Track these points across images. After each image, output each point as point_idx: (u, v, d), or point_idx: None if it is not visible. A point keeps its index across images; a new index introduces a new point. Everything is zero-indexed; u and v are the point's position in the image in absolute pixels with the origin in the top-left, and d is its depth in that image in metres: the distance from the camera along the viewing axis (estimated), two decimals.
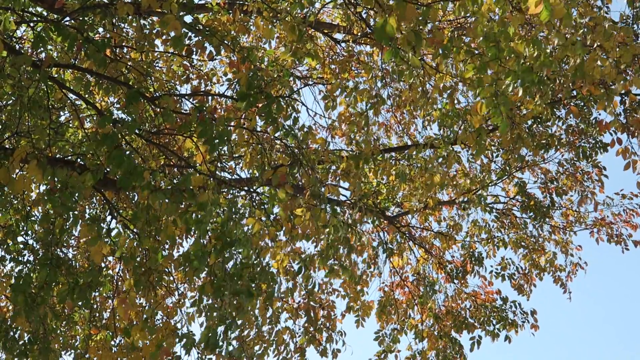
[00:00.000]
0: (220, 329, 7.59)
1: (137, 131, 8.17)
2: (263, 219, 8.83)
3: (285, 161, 9.15)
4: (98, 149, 7.07)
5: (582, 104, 11.11)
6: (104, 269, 9.60)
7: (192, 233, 8.46)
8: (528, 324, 12.90)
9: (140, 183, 6.96)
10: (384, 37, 5.81)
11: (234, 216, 8.04)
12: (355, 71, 10.96)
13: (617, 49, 6.92)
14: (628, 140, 8.01)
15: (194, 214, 7.45)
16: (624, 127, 8.67)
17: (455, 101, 9.29)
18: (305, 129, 9.12)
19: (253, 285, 8.00)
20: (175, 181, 8.35)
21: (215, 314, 7.70)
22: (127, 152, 7.12)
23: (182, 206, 7.62)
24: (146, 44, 8.99)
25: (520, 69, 6.50)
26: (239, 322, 8.47)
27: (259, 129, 9.42)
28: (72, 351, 9.53)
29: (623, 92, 9.30)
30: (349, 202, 10.69)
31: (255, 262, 8.14)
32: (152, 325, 8.64)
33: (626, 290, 35.79)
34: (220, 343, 7.53)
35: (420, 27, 6.88)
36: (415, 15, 6.30)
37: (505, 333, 12.63)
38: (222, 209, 8.03)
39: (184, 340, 8.05)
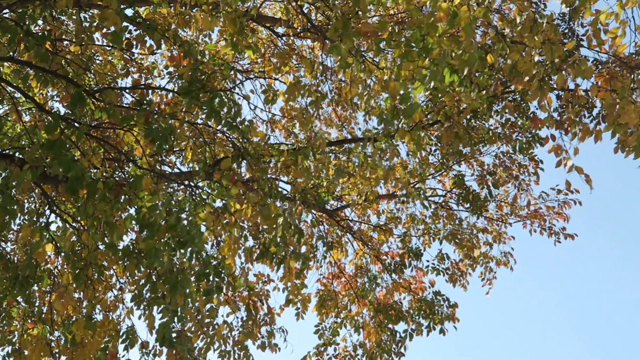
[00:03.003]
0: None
1: (76, 125, 8.28)
2: (207, 212, 9.00)
3: (226, 154, 9.31)
4: (44, 153, 7.17)
5: (520, 98, 11.42)
6: (42, 263, 9.67)
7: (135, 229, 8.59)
8: (448, 322, 13.24)
9: (89, 189, 7.08)
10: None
11: (185, 213, 8.20)
12: (296, 65, 11.16)
13: (543, 47, 7.18)
14: (561, 138, 8.33)
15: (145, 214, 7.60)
16: (558, 124, 8.96)
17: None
18: (247, 123, 9.30)
19: (203, 279, 8.16)
20: (116, 175, 8.49)
21: (162, 306, 7.81)
22: (74, 158, 7.23)
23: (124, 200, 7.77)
24: (85, 37, 9.05)
25: (440, 66, 6.76)
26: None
27: (200, 121, 9.57)
28: (10, 347, 9.58)
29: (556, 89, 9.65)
30: (289, 196, 10.89)
31: (214, 256, 8.31)
32: (94, 322, 8.78)
33: (558, 281, 36.72)
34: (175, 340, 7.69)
35: (350, 16, 7.15)
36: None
37: (440, 326, 12.97)
38: (176, 208, 8.18)
39: (126, 337, 8.19)
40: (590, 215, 35.42)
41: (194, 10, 9.37)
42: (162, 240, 7.76)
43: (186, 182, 10.02)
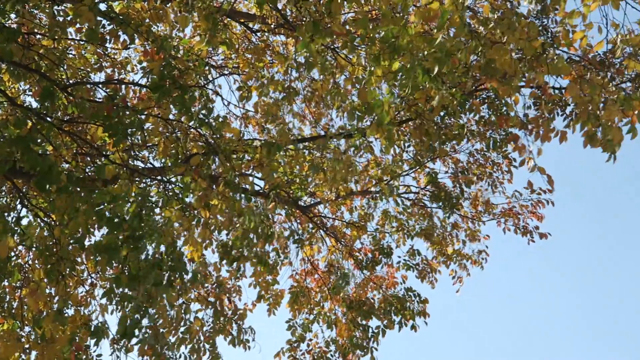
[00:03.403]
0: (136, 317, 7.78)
1: (49, 119, 8.31)
2: (176, 208, 9.06)
3: (199, 150, 9.37)
4: (13, 148, 7.21)
5: (494, 95, 11.49)
6: (13, 258, 9.69)
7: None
8: (420, 317, 13.32)
9: (57, 184, 7.12)
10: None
11: (145, 207, 8.23)
12: (270, 60, 11.23)
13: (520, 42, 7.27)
14: (525, 138, 8.42)
15: (107, 212, 7.62)
16: (523, 124, 9.06)
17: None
18: (220, 119, 9.34)
19: (167, 273, 8.20)
20: (87, 170, 8.53)
21: (130, 304, 7.85)
22: (43, 152, 7.26)
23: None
24: (58, 31, 9.06)
25: (413, 66, 6.84)
26: (152, 311, 8.72)
27: (172, 117, 9.62)
28: None
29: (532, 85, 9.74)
30: (262, 192, 10.95)
31: (172, 252, 8.33)
32: (63, 317, 8.80)
33: (530, 280, 37.06)
34: (137, 332, 7.72)
35: (323, 16, 7.23)
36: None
37: (412, 322, 13.05)
38: (133, 200, 8.21)
39: (94, 331, 8.22)
40: (563, 213, 35.74)
41: (167, 5, 9.41)
42: (122, 236, 7.80)
43: (159, 178, 10.06)
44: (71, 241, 8.63)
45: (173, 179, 9.87)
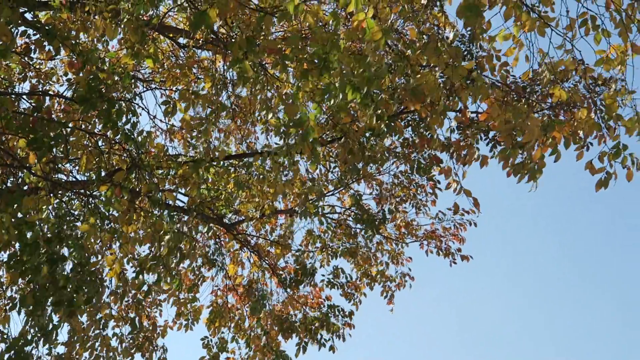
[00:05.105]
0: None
1: None
2: (97, 222, 9.11)
3: (123, 165, 9.43)
4: None
5: (418, 118, 11.74)
6: None
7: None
8: (345, 328, 13.51)
9: None
10: (201, 25, 6.34)
11: (65, 223, 8.24)
12: (197, 76, 11.34)
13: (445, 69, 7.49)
14: (449, 160, 8.67)
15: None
16: (444, 147, 9.30)
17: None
18: (145, 134, 9.42)
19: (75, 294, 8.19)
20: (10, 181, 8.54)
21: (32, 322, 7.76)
22: None
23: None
24: None
25: (342, 83, 7.01)
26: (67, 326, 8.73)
27: (97, 131, 9.67)
28: None
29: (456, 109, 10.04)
30: (185, 208, 11.04)
31: (85, 269, 8.33)
32: None
33: (453, 301, 37.75)
34: (34, 352, 7.61)
35: (255, 33, 7.38)
36: (234, 12, 6.79)
37: (330, 343, 13.20)
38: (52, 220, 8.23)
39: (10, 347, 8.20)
40: (485, 234, 36.57)
41: (95, 17, 9.46)
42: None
43: (82, 191, 10.08)
44: None
45: (96, 193, 9.91)
